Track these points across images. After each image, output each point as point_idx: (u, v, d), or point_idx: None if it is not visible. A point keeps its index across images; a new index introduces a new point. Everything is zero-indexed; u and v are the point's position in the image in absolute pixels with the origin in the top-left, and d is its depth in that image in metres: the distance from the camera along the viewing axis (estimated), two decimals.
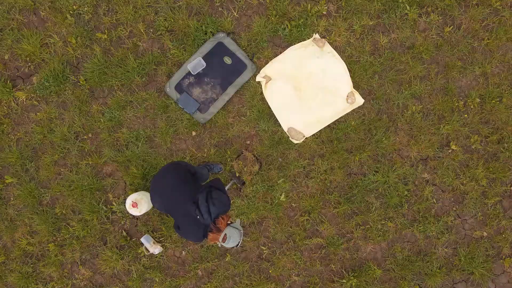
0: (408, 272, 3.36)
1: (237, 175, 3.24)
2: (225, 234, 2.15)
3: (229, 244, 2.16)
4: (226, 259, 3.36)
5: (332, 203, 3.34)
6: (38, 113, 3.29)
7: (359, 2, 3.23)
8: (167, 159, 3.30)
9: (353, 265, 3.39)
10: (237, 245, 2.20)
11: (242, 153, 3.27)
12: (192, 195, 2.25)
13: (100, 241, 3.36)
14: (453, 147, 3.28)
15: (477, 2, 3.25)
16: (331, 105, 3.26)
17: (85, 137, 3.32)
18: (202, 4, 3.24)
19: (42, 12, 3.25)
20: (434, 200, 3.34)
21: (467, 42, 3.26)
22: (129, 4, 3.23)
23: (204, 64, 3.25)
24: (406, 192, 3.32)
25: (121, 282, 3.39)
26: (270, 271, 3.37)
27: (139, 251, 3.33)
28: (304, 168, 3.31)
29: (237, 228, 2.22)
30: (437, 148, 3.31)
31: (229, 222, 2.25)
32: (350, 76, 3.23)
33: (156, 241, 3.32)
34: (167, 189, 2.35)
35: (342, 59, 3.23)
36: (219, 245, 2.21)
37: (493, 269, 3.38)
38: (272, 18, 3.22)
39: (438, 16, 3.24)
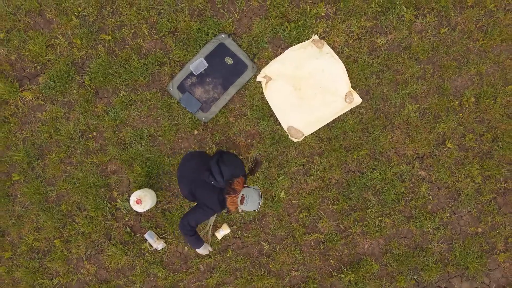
0: (405, 267, 3.44)
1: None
2: (243, 194, 2.08)
3: (248, 207, 2.07)
4: (228, 255, 3.43)
5: (331, 200, 3.42)
6: (44, 113, 3.37)
7: (357, 4, 3.30)
8: (170, 157, 3.37)
9: (351, 260, 3.47)
10: (258, 207, 2.10)
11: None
12: (208, 166, 2.25)
13: (105, 237, 3.44)
14: (449, 145, 3.36)
15: (472, 4, 3.32)
16: (330, 105, 3.33)
17: (90, 135, 3.39)
18: (204, 6, 3.31)
19: (48, 14, 3.32)
20: (430, 197, 3.42)
21: (463, 43, 3.34)
22: (133, 6, 3.30)
23: (206, 64, 3.32)
24: (402, 189, 3.40)
25: (125, 277, 3.46)
26: (270, 266, 3.45)
27: (143, 247, 3.41)
28: (303, 165, 3.39)
29: (254, 188, 2.13)
30: (433, 146, 3.39)
31: (245, 185, 2.21)
32: (348, 76, 3.30)
33: (159, 237, 3.39)
34: (191, 171, 2.36)
35: (341, 60, 3.31)
36: (240, 211, 2.15)
37: (487, 264, 3.46)
38: (272, 20, 3.29)
39: (434, 18, 3.32)
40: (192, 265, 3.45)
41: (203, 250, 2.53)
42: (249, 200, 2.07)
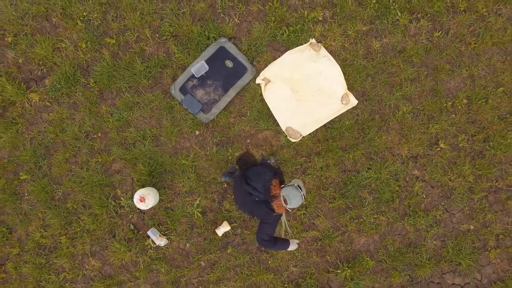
0: (399, 263, 3.55)
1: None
2: (283, 196, 2.14)
3: (294, 204, 2.12)
4: (228, 251, 3.55)
5: (328, 198, 3.53)
6: (50, 114, 3.48)
7: (353, 8, 3.41)
8: (172, 156, 3.48)
9: (347, 257, 3.58)
10: (303, 200, 2.15)
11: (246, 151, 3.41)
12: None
13: (109, 234, 3.55)
14: (442, 145, 3.47)
15: (465, 8, 3.43)
16: (327, 106, 3.44)
17: (95, 136, 3.50)
18: (204, 10, 3.42)
19: (54, 18, 3.43)
20: (424, 195, 3.53)
21: (455, 46, 3.45)
22: (136, 11, 3.41)
23: (207, 67, 3.43)
24: (397, 188, 3.51)
25: (129, 273, 3.58)
26: (269, 262, 3.56)
27: (146, 243, 3.52)
28: (301, 165, 3.50)
29: (291, 185, 2.18)
30: (427, 146, 3.50)
31: (282, 185, 2.27)
32: (345, 78, 3.41)
33: (161, 234, 3.51)
34: (243, 199, 2.49)
35: (337, 63, 3.41)
36: (290, 211, 2.23)
37: (479, 260, 3.57)
38: (271, 24, 3.40)
39: (427, 22, 3.43)
40: (194, 261, 3.56)
41: (292, 247, 2.63)
42: (291, 198, 2.12)
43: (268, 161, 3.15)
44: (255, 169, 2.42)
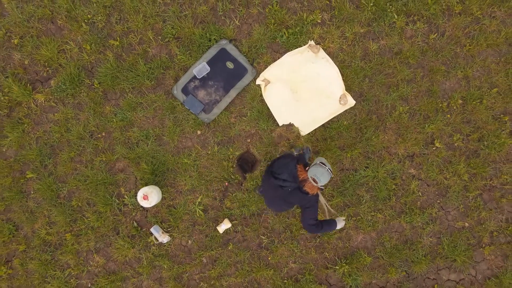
0: (396, 259, 3.64)
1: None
2: (311, 177, 2.30)
3: (323, 181, 2.28)
4: (229, 248, 3.64)
5: (326, 196, 3.61)
6: (55, 114, 3.57)
7: (351, 11, 3.50)
8: (174, 155, 3.57)
9: (345, 253, 3.67)
10: (330, 174, 2.29)
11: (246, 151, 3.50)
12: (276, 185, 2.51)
13: (113, 231, 3.64)
14: (437, 144, 3.56)
15: (460, 11, 3.51)
16: (325, 106, 3.53)
17: (99, 135, 3.59)
18: (206, 13, 3.51)
19: (59, 21, 3.52)
20: (420, 193, 3.62)
21: (450, 48, 3.53)
22: (139, 13, 3.50)
23: (209, 68, 3.52)
24: (394, 186, 3.60)
25: (132, 269, 3.67)
26: (269, 259, 3.65)
27: (149, 240, 3.61)
28: None
29: (314, 165, 2.34)
30: (423, 146, 3.59)
31: (307, 168, 2.40)
32: (343, 79, 3.49)
33: (164, 231, 3.60)
34: (275, 198, 2.70)
35: (335, 64, 3.50)
36: (323, 188, 2.40)
37: (474, 257, 3.66)
38: (271, 26, 3.49)
39: (423, 24, 3.51)
40: (196, 257, 3.65)
41: (340, 225, 2.76)
42: (319, 176, 2.27)
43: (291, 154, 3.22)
44: (278, 162, 2.56)
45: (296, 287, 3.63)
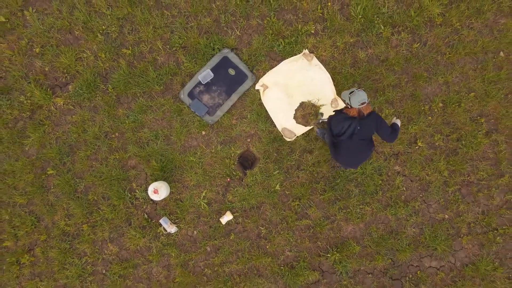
0: (382, 248, 3.99)
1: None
2: (356, 106, 2.89)
3: (364, 98, 2.87)
4: (231, 238, 4.00)
5: (319, 191, 3.97)
6: (73, 116, 3.93)
7: (341, 23, 3.84)
8: (181, 154, 3.93)
9: (336, 242, 4.02)
10: (362, 91, 2.91)
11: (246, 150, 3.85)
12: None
13: (126, 222, 4.00)
14: (420, 144, 3.91)
15: (441, 22, 3.86)
16: None
17: (113, 136, 3.95)
18: (210, 24, 3.85)
19: (77, 31, 3.87)
20: (404, 188, 3.97)
21: (432, 56, 3.88)
22: (149, 25, 3.84)
23: (212, 75, 3.87)
24: (380, 182, 3.95)
25: (143, 257, 4.03)
26: (267, 247, 4.01)
27: (158, 231, 3.97)
28: (295, 161, 3.94)
29: (348, 96, 2.95)
30: (406, 145, 3.94)
31: (344, 108, 3.08)
32: (334, 85, 3.82)
33: (172, 222, 3.95)
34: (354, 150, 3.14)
35: (327, 71, 3.82)
36: (366, 101, 2.89)
37: (453, 246, 4.00)
38: (269, 36, 3.83)
39: (407, 35, 3.85)
40: (200, 246, 4.01)
41: (399, 122, 3.21)
42: (359, 99, 2.87)
43: (320, 121, 3.59)
44: (334, 127, 3.00)
45: (291, 273, 3.99)
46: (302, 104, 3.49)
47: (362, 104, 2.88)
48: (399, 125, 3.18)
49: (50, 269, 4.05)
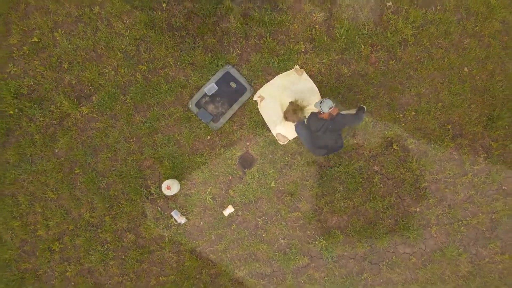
0: (362, 236, 4.55)
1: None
2: (322, 111, 3.70)
3: (329, 104, 3.62)
4: (232, 228, 4.60)
5: (308, 187, 4.55)
6: (97, 123, 4.53)
7: (327, 42, 4.43)
8: (189, 155, 4.53)
9: (323, 232, 4.60)
10: (327, 100, 3.66)
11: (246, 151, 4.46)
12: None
13: (142, 214, 4.57)
14: (395, 147, 4.50)
15: (413, 42, 4.44)
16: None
17: (131, 140, 4.54)
18: (214, 44, 4.44)
19: (99, 50, 4.46)
20: (381, 185, 4.54)
21: (406, 71, 4.45)
22: (162, 44, 4.44)
23: (216, 87, 4.46)
24: (361, 179, 4.52)
25: (157, 244, 4.63)
26: (263, 236, 4.58)
27: (170, 222, 4.54)
28: (288, 162, 4.53)
29: (317, 104, 3.77)
30: (384, 148, 4.51)
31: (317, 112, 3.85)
32: (321, 95, 4.40)
33: (182, 214, 4.52)
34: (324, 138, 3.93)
35: (315, 84, 4.38)
36: (332, 105, 3.66)
37: (423, 235, 4.53)
38: (265, 54, 4.42)
39: (384, 53, 4.44)
40: (206, 235, 4.60)
41: (364, 107, 4.11)
42: (322, 107, 3.65)
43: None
44: (312, 119, 3.78)
45: (284, 258, 4.59)
46: (291, 103, 4.29)
47: (330, 108, 3.62)
48: (365, 108, 4.06)
49: (77, 254, 4.64)
